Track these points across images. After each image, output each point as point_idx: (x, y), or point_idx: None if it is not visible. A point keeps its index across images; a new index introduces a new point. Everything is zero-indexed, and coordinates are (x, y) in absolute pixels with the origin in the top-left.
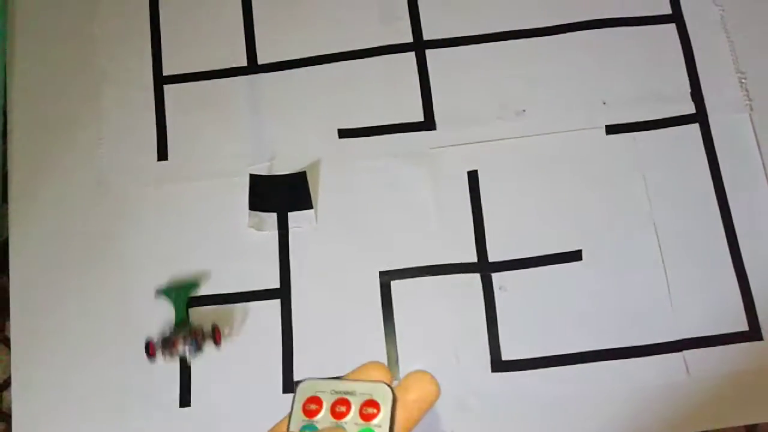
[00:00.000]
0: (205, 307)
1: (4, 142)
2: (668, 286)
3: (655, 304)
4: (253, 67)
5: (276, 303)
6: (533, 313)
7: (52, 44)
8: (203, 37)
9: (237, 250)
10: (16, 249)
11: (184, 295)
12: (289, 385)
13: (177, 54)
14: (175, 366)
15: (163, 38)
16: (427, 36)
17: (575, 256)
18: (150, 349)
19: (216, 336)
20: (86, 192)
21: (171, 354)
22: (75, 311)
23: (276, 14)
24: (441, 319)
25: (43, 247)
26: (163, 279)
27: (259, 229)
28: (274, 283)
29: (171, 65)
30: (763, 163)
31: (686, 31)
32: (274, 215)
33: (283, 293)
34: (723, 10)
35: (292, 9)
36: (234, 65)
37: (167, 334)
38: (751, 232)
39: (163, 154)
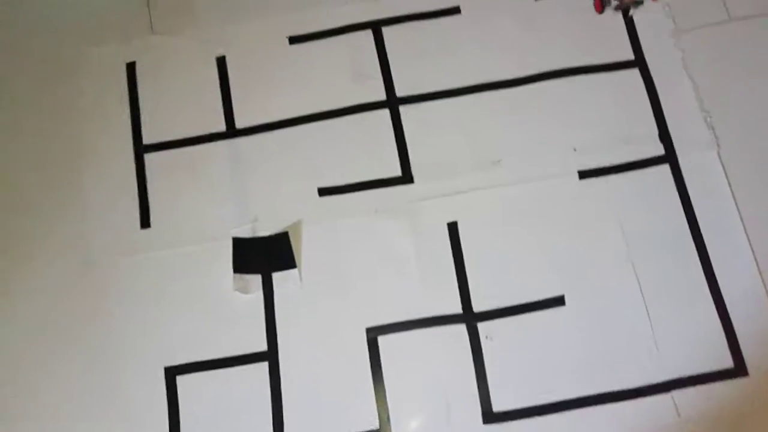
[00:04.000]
0: None
1: None
2: (651, 327)
3: (640, 346)
4: (231, 131)
5: (264, 366)
6: (521, 362)
7: (32, 119)
8: (181, 104)
9: (223, 313)
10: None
11: None
12: None
13: (156, 123)
14: None
15: (142, 108)
16: (399, 93)
17: (558, 301)
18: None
19: None
20: (71, 268)
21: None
22: (61, 392)
23: (252, 79)
24: (430, 373)
25: (29, 328)
26: (151, 351)
27: (244, 292)
28: (261, 346)
29: (151, 134)
30: (734, 198)
31: (650, 75)
32: (259, 277)
33: (270, 356)
34: (684, 53)
35: (268, 73)
36: (213, 131)
37: None
38: (728, 268)
39: (146, 222)
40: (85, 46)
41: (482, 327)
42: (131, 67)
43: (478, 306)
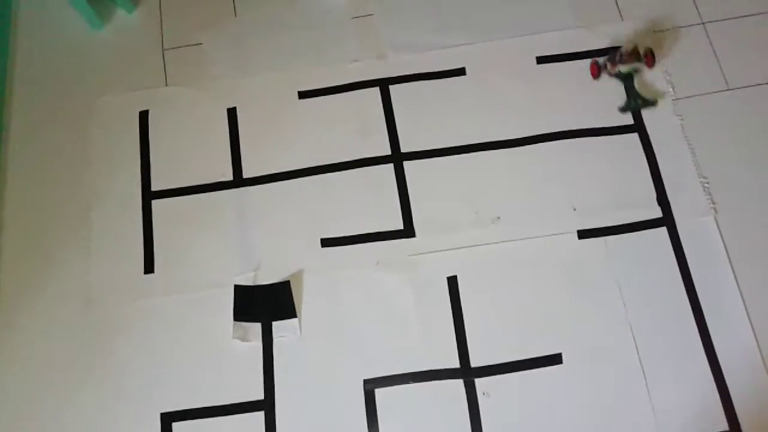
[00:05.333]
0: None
1: None
2: (648, 388)
3: (636, 407)
4: (239, 180)
5: (260, 415)
6: (517, 419)
7: (44, 162)
8: (191, 153)
9: (222, 361)
10: (5, 374)
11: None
12: None
13: (166, 170)
14: None
15: (152, 155)
16: (404, 148)
17: (556, 359)
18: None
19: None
20: (74, 310)
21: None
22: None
23: (260, 131)
24: (426, 428)
25: (30, 369)
26: (148, 395)
27: (244, 340)
28: (258, 395)
29: (160, 181)
30: (731, 263)
31: (649, 139)
32: (259, 325)
33: (267, 404)
34: (682, 119)
35: (276, 125)
36: (221, 179)
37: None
38: (724, 331)
39: (149, 268)
40: (101, 96)
41: (479, 383)
42: (144, 116)
43: (475, 361)
